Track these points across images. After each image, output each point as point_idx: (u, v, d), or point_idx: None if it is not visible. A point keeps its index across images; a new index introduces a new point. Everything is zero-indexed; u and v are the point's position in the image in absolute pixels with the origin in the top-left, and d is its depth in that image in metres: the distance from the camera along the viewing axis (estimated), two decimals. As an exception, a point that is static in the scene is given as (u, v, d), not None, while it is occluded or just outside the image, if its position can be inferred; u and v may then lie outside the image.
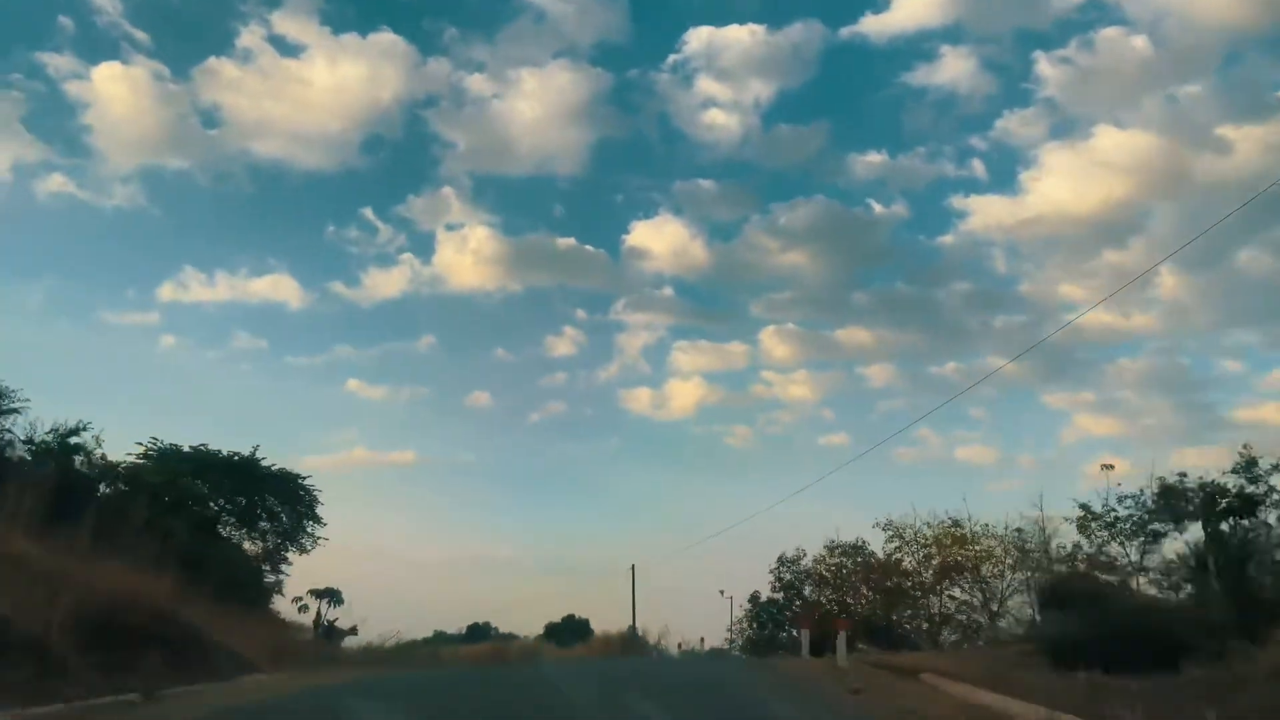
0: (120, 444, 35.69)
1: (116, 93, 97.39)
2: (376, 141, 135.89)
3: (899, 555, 40.88)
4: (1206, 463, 48.58)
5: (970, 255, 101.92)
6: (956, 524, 38.31)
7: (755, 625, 49.67)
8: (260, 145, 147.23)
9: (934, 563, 39.35)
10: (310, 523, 38.29)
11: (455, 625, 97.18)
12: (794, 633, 47.35)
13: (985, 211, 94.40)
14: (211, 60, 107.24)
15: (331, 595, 37.70)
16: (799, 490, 64.07)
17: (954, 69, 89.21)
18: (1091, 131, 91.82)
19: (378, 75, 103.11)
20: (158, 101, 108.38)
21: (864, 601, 44.73)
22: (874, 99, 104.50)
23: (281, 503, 37.82)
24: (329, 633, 39.93)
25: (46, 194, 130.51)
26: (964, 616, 38.26)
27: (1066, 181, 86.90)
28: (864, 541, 45.07)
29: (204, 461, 35.17)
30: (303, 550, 38.12)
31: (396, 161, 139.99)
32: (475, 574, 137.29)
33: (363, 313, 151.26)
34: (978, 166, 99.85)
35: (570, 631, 66.94)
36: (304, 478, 38.30)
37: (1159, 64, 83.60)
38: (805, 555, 47.77)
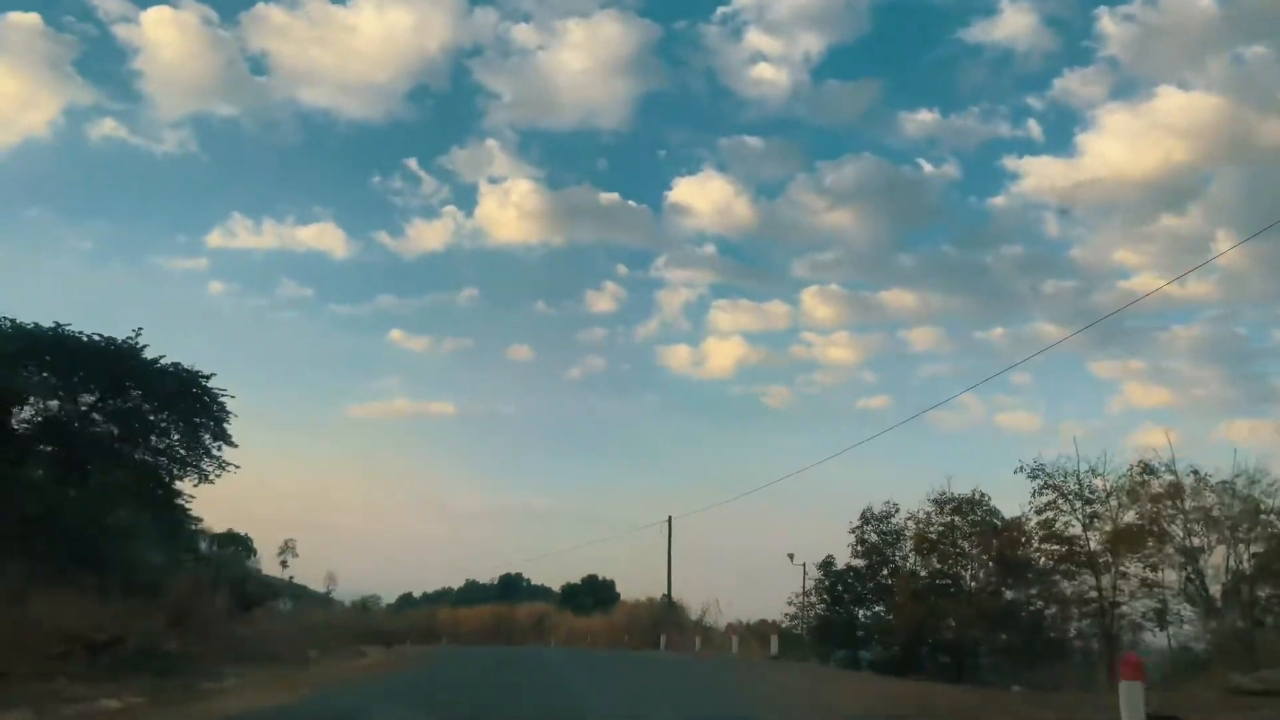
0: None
1: (166, 37, 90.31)
2: (422, 92, 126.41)
3: (1053, 513, 28.40)
4: (1257, 437, 38.35)
5: (1022, 218, 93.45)
6: (1148, 470, 25.70)
7: (827, 599, 37.62)
8: (307, 94, 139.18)
9: (1109, 526, 26.95)
10: (216, 443, 26.98)
11: (488, 575, 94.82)
12: (882, 613, 35.54)
13: (1039, 173, 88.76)
14: (260, 6, 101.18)
15: (238, 542, 26.63)
16: (850, 447, 57.14)
17: (1013, 25, 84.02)
18: (1153, 92, 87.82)
19: (425, 24, 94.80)
20: (207, 47, 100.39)
21: (981, 574, 32.53)
22: (928, 56, 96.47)
23: (173, 413, 26.55)
24: (244, 603, 29.22)
25: (99, 138, 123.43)
26: (1151, 605, 25.81)
27: (1125, 144, 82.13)
28: (983, 495, 32.82)
29: (38, 341, 23.89)
30: (204, 478, 26.98)
31: (441, 112, 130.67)
32: (511, 526, 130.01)
33: (406, 264, 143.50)
34: (1033, 127, 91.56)
35: (591, 595, 56.56)
36: (206, 377, 26.94)
37: (1225, 24, 77.55)
38: (897, 510, 35.67)
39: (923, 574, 32.98)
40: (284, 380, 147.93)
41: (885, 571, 35.98)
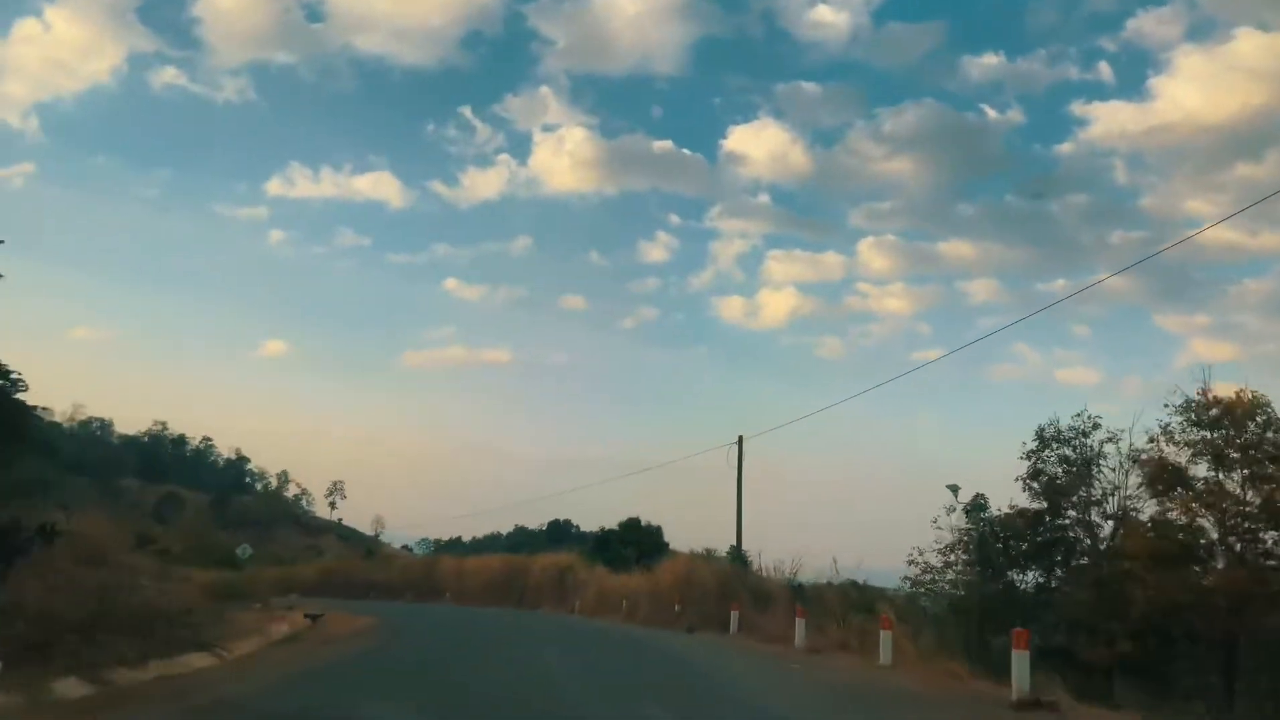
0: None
1: None
2: (476, 38, 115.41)
3: None
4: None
5: (1089, 166, 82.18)
6: None
7: (976, 560, 24.99)
8: (363, 40, 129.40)
9: None
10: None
11: (538, 521, 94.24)
12: (1062, 582, 22.91)
13: (1109, 119, 76.74)
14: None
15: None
16: (887, 380, 58.22)
17: (1087, -40, 66.92)
18: (1232, 34, 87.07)
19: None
20: None
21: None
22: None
23: None
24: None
25: (160, 85, 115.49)
26: None
27: (1200, 87, 79.30)
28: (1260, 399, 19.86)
29: None
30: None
31: (495, 59, 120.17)
32: (563, 473, 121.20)
33: (461, 213, 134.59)
34: (1104, 70, 79.30)
35: (633, 544, 43.73)
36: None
37: (1311, -41, 59.13)
38: (1095, 427, 22.85)
39: (1179, 522, 20.27)
40: (342, 328, 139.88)
41: (1071, 519, 23.47)
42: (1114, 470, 22.59)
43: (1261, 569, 19.12)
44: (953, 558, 25.35)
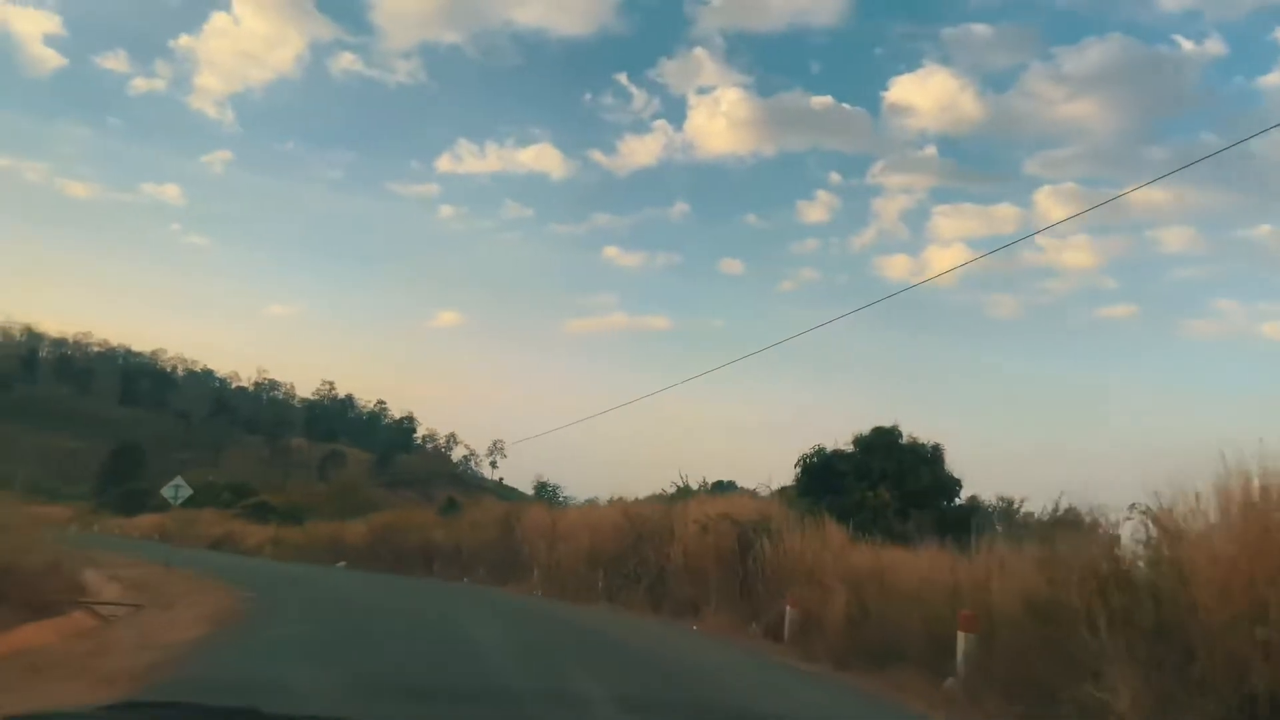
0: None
1: None
2: (631, 3, 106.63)
3: None
4: None
5: None
6: None
7: None
8: (522, 14, 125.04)
9: None
10: None
11: (697, 482, 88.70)
12: None
13: None
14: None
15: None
16: None
17: None
18: None
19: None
20: None
21: None
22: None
23: None
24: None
25: (339, 71, 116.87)
26: None
27: None
28: None
29: None
30: None
31: (650, 23, 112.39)
32: (727, 436, 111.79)
33: (619, 181, 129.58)
34: None
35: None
36: None
37: None
38: None
39: None
40: (509, 298, 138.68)
41: None
42: None
43: None
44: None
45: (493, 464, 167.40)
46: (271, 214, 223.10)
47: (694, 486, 21.06)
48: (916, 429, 22.44)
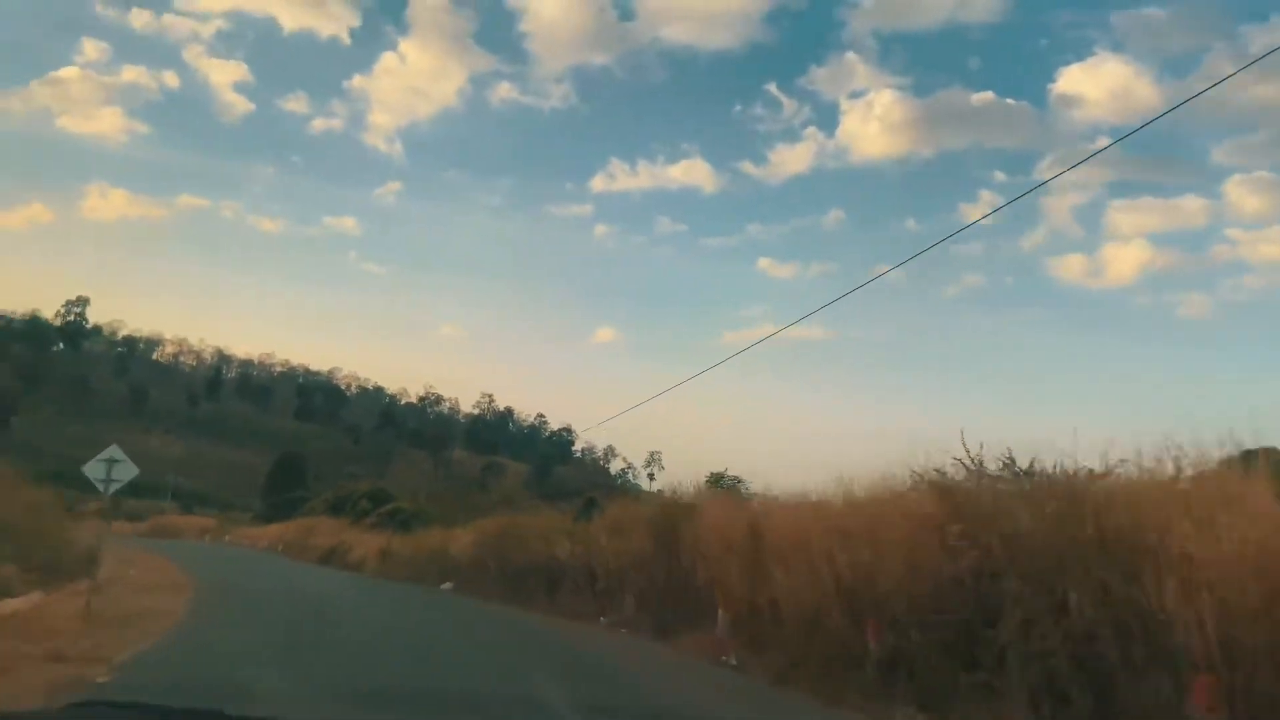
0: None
1: None
2: (779, 12, 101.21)
3: None
4: None
5: None
6: None
7: None
8: (670, 31, 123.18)
9: None
10: None
11: None
12: None
13: None
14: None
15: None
16: None
17: None
18: None
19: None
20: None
21: None
22: None
23: None
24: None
25: (498, 100, 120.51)
26: None
27: None
28: None
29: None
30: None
31: (799, 30, 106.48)
32: (887, 448, 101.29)
33: (771, 190, 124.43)
34: None
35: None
36: None
37: None
38: None
39: None
40: (664, 313, 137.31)
41: None
42: None
43: None
44: None
45: (650, 475, 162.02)
46: (438, 240, 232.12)
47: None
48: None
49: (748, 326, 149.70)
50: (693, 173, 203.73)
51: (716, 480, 19.97)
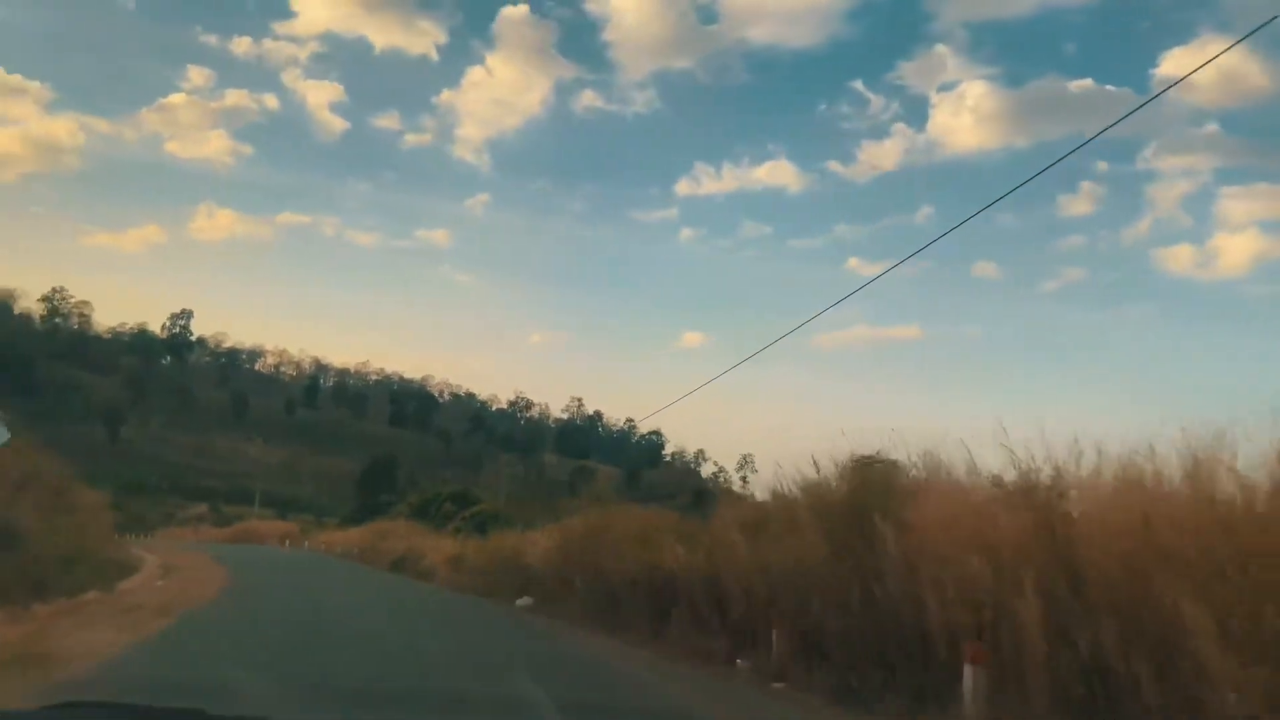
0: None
1: (629, 2, 74.98)
2: (864, 8, 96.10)
3: None
4: None
5: None
6: None
7: None
8: (753, 32, 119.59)
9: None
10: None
11: None
12: None
13: None
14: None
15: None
16: None
17: None
18: None
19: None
20: (663, 4, 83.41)
21: None
22: None
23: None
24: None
25: (581, 109, 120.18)
26: None
27: None
28: None
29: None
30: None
31: (885, 25, 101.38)
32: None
33: (859, 189, 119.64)
34: None
35: None
36: None
37: None
38: None
39: None
40: (751, 316, 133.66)
41: None
42: None
43: None
44: None
45: (743, 479, 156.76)
46: (525, 248, 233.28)
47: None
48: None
49: (838, 328, 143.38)
50: (778, 174, 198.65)
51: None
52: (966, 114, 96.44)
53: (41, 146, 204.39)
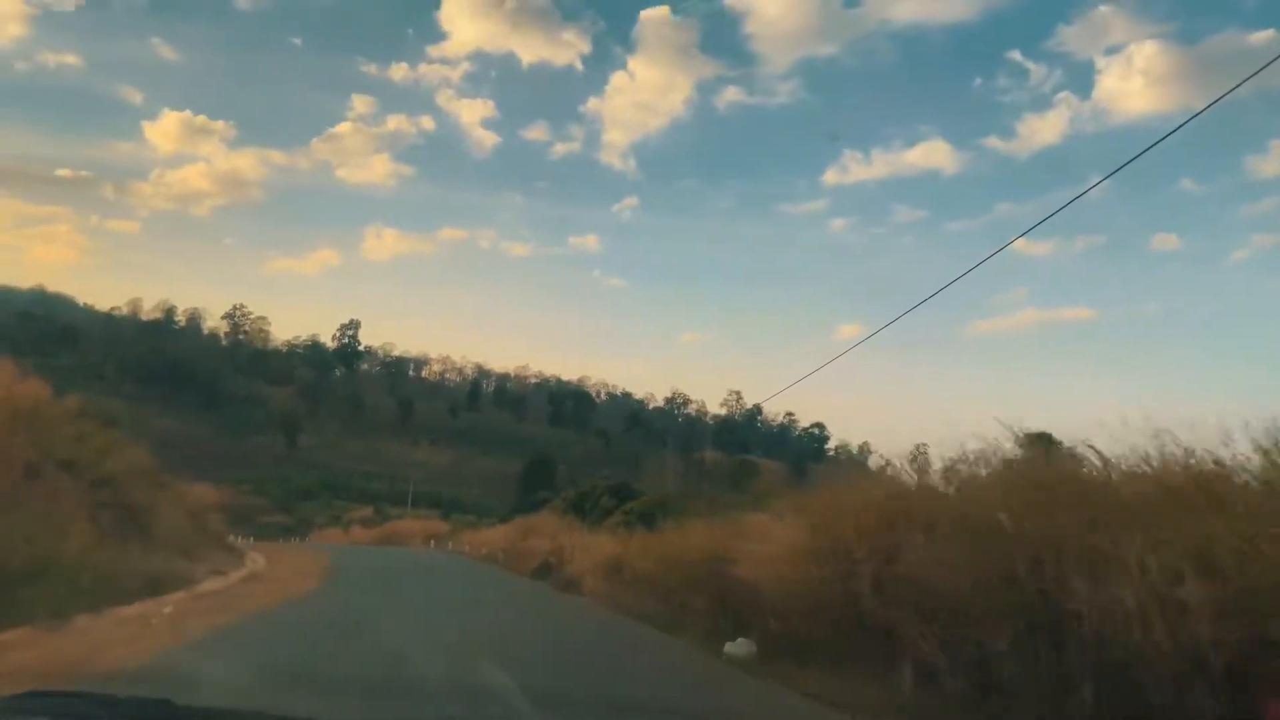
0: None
1: None
2: None
3: None
4: None
5: None
6: None
7: None
8: (898, 10, 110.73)
9: None
10: None
11: None
12: None
13: None
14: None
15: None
16: None
17: None
18: None
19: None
20: None
21: None
22: None
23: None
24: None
25: (725, 105, 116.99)
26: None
27: None
28: None
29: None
30: None
31: None
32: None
33: (1020, 165, 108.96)
34: None
35: None
36: None
37: None
38: None
39: None
40: (908, 304, 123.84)
41: None
42: None
43: None
44: None
45: (919, 471, 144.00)
46: (675, 249, 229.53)
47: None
48: None
49: (1003, 313, 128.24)
50: (932, 155, 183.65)
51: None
52: (1136, 77, 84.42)
53: (228, 181, 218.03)
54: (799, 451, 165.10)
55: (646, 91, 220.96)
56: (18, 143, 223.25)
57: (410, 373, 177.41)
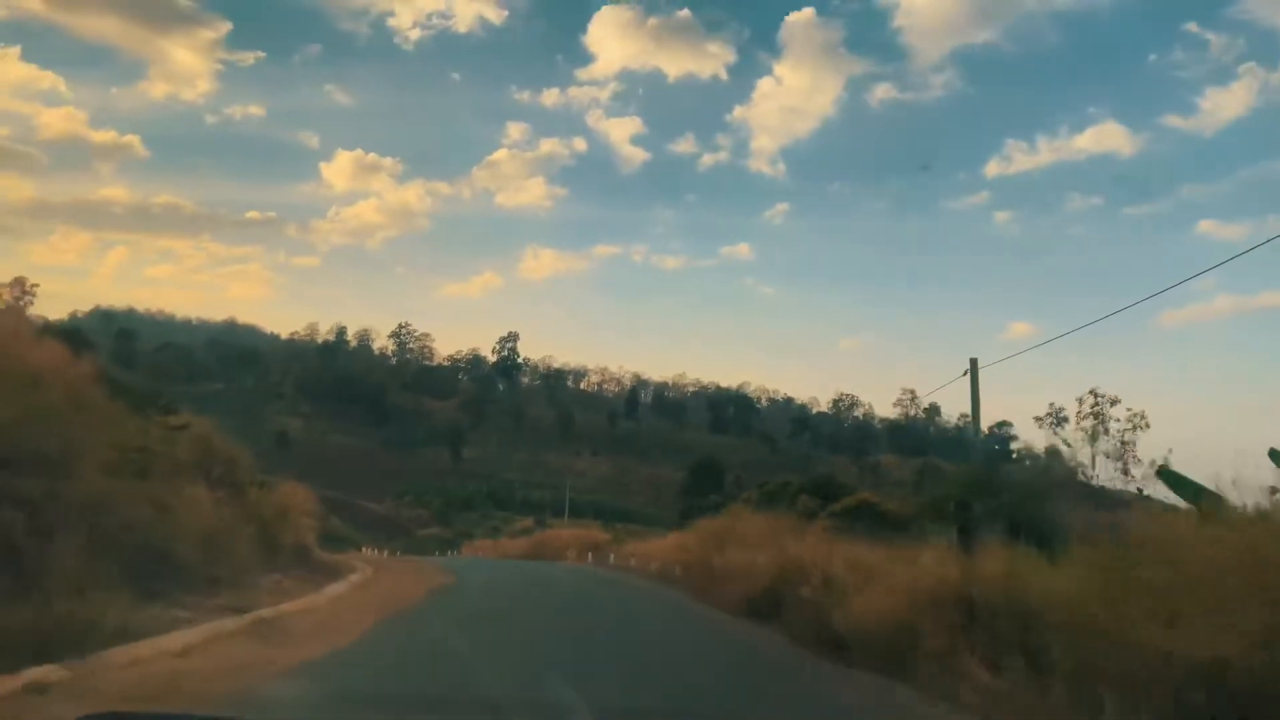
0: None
1: None
2: None
3: None
4: None
5: None
6: None
7: None
8: None
9: None
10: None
11: None
12: None
13: None
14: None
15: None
16: None
17: None
18: None
19: None
20: None
21: None
22: None
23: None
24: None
25: (876, 103, 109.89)
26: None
27: None
28: None
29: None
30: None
31: None
32: None
33: (1205, 143, 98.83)
34: None
35: None
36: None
37: None
38: None
39: None
40: (1085, 297, 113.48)
41: None
42: None
43: None
44: None
45: (1123, 470, 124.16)
46: (829, 252, 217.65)
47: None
48: None
49: (1194, 301, 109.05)
50: (1104, 138, 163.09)
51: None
52: (1335, 36, 68.08)
53: (397, 213, 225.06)
54: (982, 453, 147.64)
55: (794, 95, 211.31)
56: (211, 189, 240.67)
57: (569, 384, 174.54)
